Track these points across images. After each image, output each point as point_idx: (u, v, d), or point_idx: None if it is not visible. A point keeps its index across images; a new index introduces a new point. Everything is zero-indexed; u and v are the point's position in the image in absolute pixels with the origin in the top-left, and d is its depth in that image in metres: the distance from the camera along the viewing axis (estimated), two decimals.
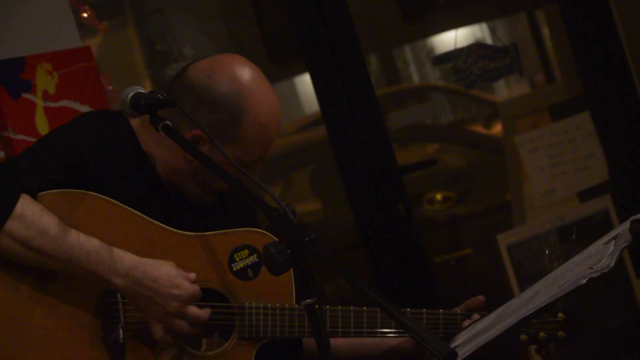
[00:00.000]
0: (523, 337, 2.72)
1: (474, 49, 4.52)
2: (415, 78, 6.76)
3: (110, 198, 2.45)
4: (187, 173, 2.55)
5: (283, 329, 2.56)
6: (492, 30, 4.85)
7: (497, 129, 5.58)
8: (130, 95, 2.42)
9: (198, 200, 2.61)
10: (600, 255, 2.25)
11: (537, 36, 6.03)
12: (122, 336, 2.43)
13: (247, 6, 4.82)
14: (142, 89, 2.45)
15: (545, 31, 5.84)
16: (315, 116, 5.45)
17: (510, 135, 4.81)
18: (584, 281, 2.20)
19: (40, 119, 3.39)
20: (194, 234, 2.53)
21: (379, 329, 2.66)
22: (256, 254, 2.55)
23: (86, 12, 3.70)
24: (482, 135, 5.91)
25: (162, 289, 2.40)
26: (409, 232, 4.26)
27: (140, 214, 2.48)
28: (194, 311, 2.43)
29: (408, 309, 2.70)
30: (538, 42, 6.03)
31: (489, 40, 4.76)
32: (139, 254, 2.43)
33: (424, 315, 2.72)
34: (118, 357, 2.44)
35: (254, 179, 2.41)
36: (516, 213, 4.84)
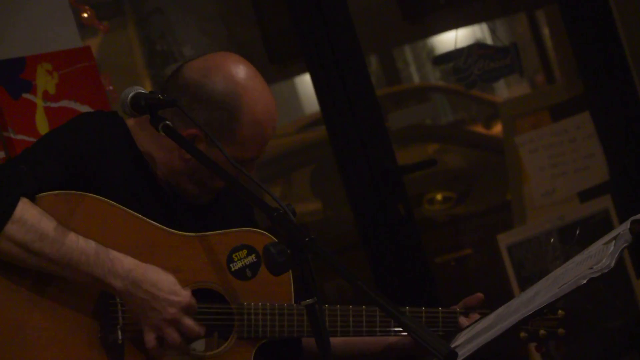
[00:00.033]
0: (523, 334, 2.72)
1: (474, 49, 4.52)
2: (416, 78, 6.75)
3: (109, 199, 2.45)
4: (184, 172, 2.55)
5: (282, 329, 2.56)
6: (492, 31, 4.85)
7: (497, 129, 5.58)
8: (131, 96, 2.42)
9: (195, 200, 2.61)
10: (600, 256, 2.25)
11: (537, 36, 6.03)
12: (121, 337, 2.43)
13: (247, 6, 4.81)
14: (142, 89, 2.45)
15: (546, 31, 5.84)
16: (315, 116, 5.45)
17: (510, 135, 4.81)
18: (584, 281, 2.20)
19: (40, 119, 3.39)
20: (192, 234, 2.53)
21: (378, 329, 2.67)
22: (254, 254, 2.55)
23: (86, 12, 3.70)
24: (482, 136, 5.90)
25: (161, 294, 2.40)
26: (409, 232, 4.26)
27: (138, 215, 2.48)
28: (190, 323, 2.43)
29: (407, 308, 2.71)
30: (538, 42, 6.03)
31: (489, 41, 4.76)
32: (137, 255, 2.43)
33: (423, 313, 2.72)
34: (117, 359, 2.44)
35: (253, 178, 2.41)
36: (516, 213, 4.84)
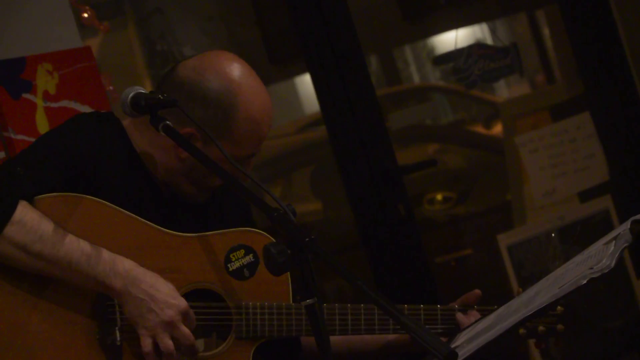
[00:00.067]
0: (522, 330, 2.72)
1: (475, 49, 4.52)
2: (416, 78, 6.75)
3: (106, 200, 2.45)
4: (181, 171, 2.55)
5: (280, 328, 2.56)
6: (492, 31, 4.85)
7: (497, 129, 5.58)
8: (131, 96, 2.42)
9: (192, 199, 2.61)
10: (600, 256, 2.25)
11: (538, 36, 6.03)
12: (119, 338, 2.43)
13: (247, 6, 4.82)
14: (142, 89, 2.45)
15: (546, 31, 5.84)
16: (315, 116, 5.44)
17: (510, 135, 4.81)
18: (585, 281, 2.20)
19: (40, 119, 3.39)
20: (189, 234, 2.53)
21: (377, 327, 2.67)
22: (252, 254, 2.55)
23: (86, 13, 3.71)
24: (482, 136, 5.90)
25: (160, 295, 2.40)
26: (409, 232, 4.26)
27: (136, 216, 2.48)
28: (186, 330, 2.43)
29: (406, 306, 2.71)
30: (538, 42, 6.03)
31: (489, 41, 4.76)
32: (135, 257, 2.43)
33: (421, 311, 2.72)
34: None
35: (253, 177, 2.41)
36: (516, 213, 4.84)
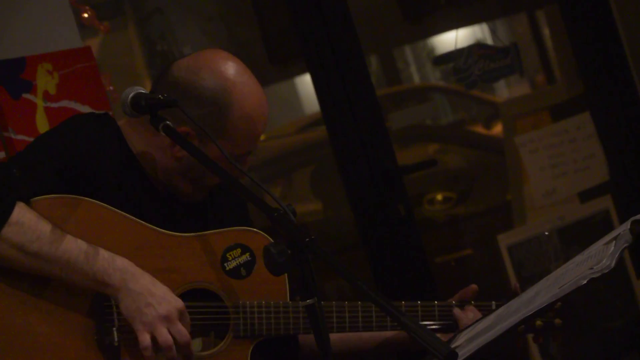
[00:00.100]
0: (520, 326, 2.72)
1: (475, 49, 4.52)
2: (416, 78, 6.75)
3: (103, 201, 2.46)
4: (177, 171, 2.55)
5: (278, 326, 2.56)
6: (492, 31, 4.85)
7: (497, 129, 5.58)
8: (131, 96, 2.43)
9: (189, 198, 2.61)
10: (600, 256, 2.25)
11: (538, 36, 6.03)
12: (116, 339, 2.44)
13: (247, 6, 4.81)
14: (142, 89, 2.45)
15: (546, 31, 5.84)
16: (315, 116, 5.44)
17: (510, 135, 4.81)
18: (585, 281, 2.20)
19: (40, 119, 3.39)
20: (186, 234, 2.53)
21: (375, 324, 2.67)
22: (249, 253, 2.55)
23: (87, 13, 3.71)
24: (482, 136, 5.90)
25: (157, 291, 2.40)
26: (409, 233, 4.26)
27: (132, 217, 2.48)
28: (182, 327, 2.42)
29: (403, 302, 2.71)
30: (538, 42, 6.03)
31: (489, 41, 4.76)
32: (132, 258, 2.44)
33: (419, 307, 2.72)
34: None
35: (253, 177, 2.41)
36: (516, 213, 4.84)
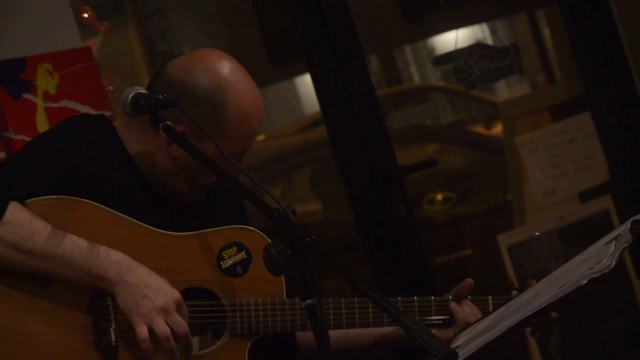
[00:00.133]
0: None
1: (475, 49, 4.52)
2: (416, 78, 6.75)
3: (100, 203, 2.46)
4: (174, 170, 2.55)
5: (275, 324, 2.56)
6: (492, 31, 4.85)
7: (497, 129, 5.58)
8: (131, 96, 2.43)
9: (186, 198, 2.61)
10: (600, 256, 2.25)
11: (538, 36, 6.03)
12: (114, 339, 2.44)
13: (247, 6, 4.82)
14: (142, 89, 2.46)
15: (546, 31, 5.84)
16: (315, 116, 5.45)
17: (510, 135, 4.81)
18: (585, 282, 2.20)
19: (40, 119, 3.39)
20: (181, 234, 2.53)
21: (372, 320, 2.67)
22: (244, 251, 2.55)
23: (87, 13, 3.71)
24: (482, 136, 5.90)
25: (153, 283, 2.40)
26: (409, 233, 4.26)
27: (129, 218, 2.48)
28: (180, 319, 2.43)
29: (400, 298, 2.71)
30: (539, 42, 6.04)
31: (489, 41, 4.76)
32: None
33: (415, 303, 2.72)
34: None
35: (254, 178, 2.41)
36: (516, 213, 4.84)
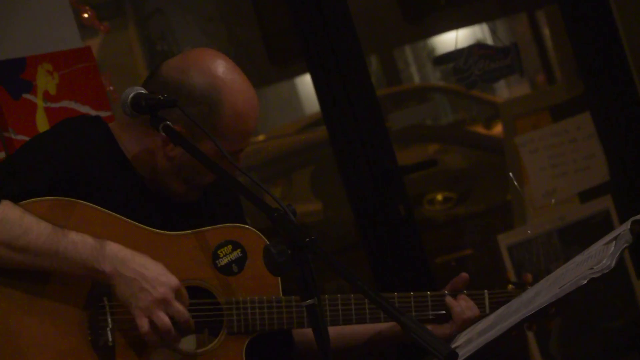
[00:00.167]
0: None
1: (475, 49, 4.52)
2: (416, 78, 6.76)
3: (95, 204, 2.46)
4: (170, 171, 2.55)
5: (272, 322, 2.56)
6: (492, 31, 4.85)
7: (497, 129, 5.58)
8: (131, 96, 2.43)
9: (183, 198, 2.60)
10: (600, 256, 2.25)
11: (538, 37, 6.04)
12: (111, 339, 2.44)
13: (247, 6, 4.82)
14: (142, 89, 2.45)
15: (546, 31, 5.84)
16: (315, 117, 5.45)
17: (510, 135, 4.81)
18: (585, 282, 2.20)
19: (40, 119, 3.39)
20: (176, 233, 2.53)
21: (368, 316, 2.66)
22: (240, 249, 2.55)
23: (87, 13, 3.71)
24: (482, 136, 5.91)
25: (150, 273, 2.40)
26: (409, 233, 4.26)
27: (126, 219, 2.48)
28: (180, 306, 2.43)
29: (396, 293, 2.71)
30: (539, 42, 6.04)
31: (489, 41, 4.76)
32: None
33: (411, 298, 2.72)
34: None
35: (254, 178, 2.41)
36: (516, 213, 4.84)
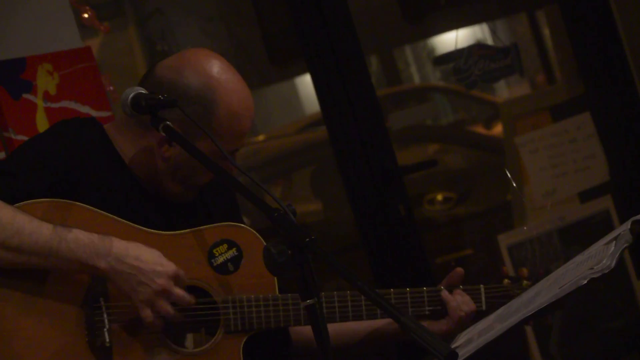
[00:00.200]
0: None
1: (475, 49, 4.52)
2: (416, 78, 6.76)
3: (92, 206, 2.46)
4: (166, 171, 2.55)
5: (268, 320, 2.57)
6: (492, 31, 4.85)
7: (497, 129, 5.58)
8: (131, 96, 2.43)
9: (179, 199, 2.61)
10: (601, 256, 2.25)
11: (538, 37, 6.04)
12: (108, 340, 2.44)
13: (247, 6, 4.82)
14: (142, 89, 2.46)
15: (546, 32, 5.84)
16: (315, 117, 5.45)
17: (510, 135, 4.81)
18: (585, 282, 2.20)
19: (40, 119, 3.40)
20: (172, 233, 2.54)
21: (365, 312, 2.66)
22: (235, 248, 2.56)
23: (87, 13, 3.71)
24: (482, 136, 5.91)
25: (146, 266, 2.41)
26: (409, 233, 4.26)
27: (122, 220, 2.49)
28: (180, 292, 2.44)
29: (392, 290, 2.71)
30: (539, 42, 6.04)
31: (489, 41, 4.76)
32: None
33: (408, 294, 2.72)
34: None
35: (254, 178, 2.41)
36: (517, 213, 4.84)
